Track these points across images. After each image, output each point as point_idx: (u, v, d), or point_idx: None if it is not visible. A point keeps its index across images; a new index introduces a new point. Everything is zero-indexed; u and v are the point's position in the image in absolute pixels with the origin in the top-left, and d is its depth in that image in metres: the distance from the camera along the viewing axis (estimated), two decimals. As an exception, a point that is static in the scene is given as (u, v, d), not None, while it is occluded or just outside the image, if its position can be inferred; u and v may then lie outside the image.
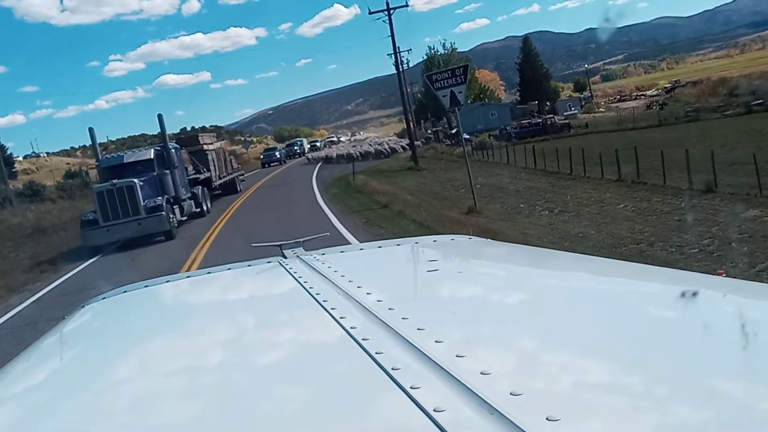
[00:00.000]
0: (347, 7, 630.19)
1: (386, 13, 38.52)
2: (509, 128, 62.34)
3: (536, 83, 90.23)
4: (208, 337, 1.68)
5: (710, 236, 13.43)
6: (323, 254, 2.35)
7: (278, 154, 70.37)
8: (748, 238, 12.81)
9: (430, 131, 72.69)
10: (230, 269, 2.39)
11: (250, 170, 58.30)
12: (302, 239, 2.57)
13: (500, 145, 47.63)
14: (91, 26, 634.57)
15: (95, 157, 24.62)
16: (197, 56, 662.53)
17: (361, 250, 2.58)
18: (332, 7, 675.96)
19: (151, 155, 22.13)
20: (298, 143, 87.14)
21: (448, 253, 2.41)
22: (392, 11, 38.48)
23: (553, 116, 68.72)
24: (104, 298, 2.23)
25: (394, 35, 39.48)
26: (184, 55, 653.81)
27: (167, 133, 26.38)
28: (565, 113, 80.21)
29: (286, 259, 2.33)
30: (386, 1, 38.25)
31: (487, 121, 73.62)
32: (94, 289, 10.58)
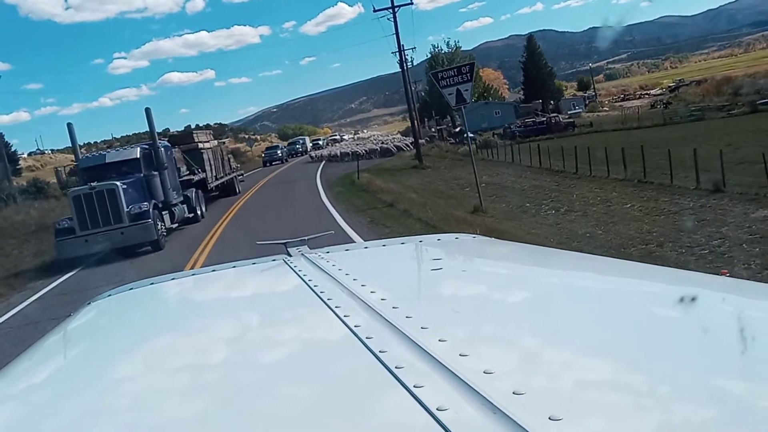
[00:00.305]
0: (351, 5, 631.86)
1: (391, 11, 38.38)
2: (513, 127, 62.25)
3: (540, 82, 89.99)
4: (212, 334, 1.69)
5: (720, 237, 13.26)
6: (328, 252, 2.36)
7: (280, 152, 69.56)
8: (759, 239, 12.63)
9: (434, 129, 72.56)
10: (235, 267, 2.40)
11: (253, 168, 58.23)
12: (307, 237, 2.60)
13: (504, 143, 47.44)
14: (95, 24, 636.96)
15: (75, 156, 21.92)
16: (201, 54, 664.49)
17: (365, 248, 2.58)
18: (336, 5, 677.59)
19: (137, 154, 19.59)
20: (300, 142, 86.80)
21: (452, 252, 2.42)
22: (397, 9, 38.33)
23: (557, 115, 68.55)
24: (110, 295, 2.22)
25: (398, 33, 39.32)
26: (188, 53, 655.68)
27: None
28: (569, 112, 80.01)
29: (290, 257, 2.35)
30: (391, -1, 38.11)
31: (490, 119, 73.44)
32: (95, 289, 10.46)
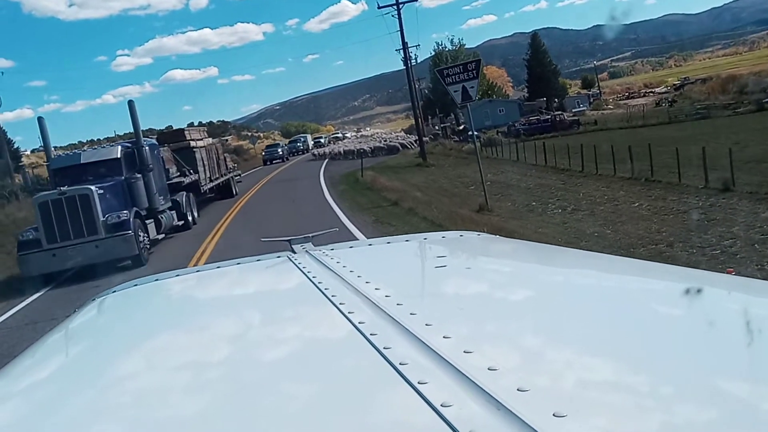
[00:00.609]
0: (354, 2, 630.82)
1: (395, 7, 38.16)
2: (517, 125, 61.98)
3: (544, 80, 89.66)
4: (217, 331, 1.68)
5: (731, 237, 13.04)
6: (332, 249, 2.35)
7: (281, 150, 68.50)
8: (772, 239, 12.42)
9: (437, 127, 72.33)
10: (239, 264, 2.40)
11: (254, 167, 58.03)
12: (311, 234, 2.60)
13: (509, 141, 47.23)
14: (98, 21, 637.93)
15: (46, 155, 18.71)
16: (204, 51, 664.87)
17: (369, 245, 2.62)
18: (339, 3, 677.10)
19: (117, 154, 16.97)
20: (301, 140, 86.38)
21: (456, 249, 2.42)
22: (401, 6, 38.11)
23: (561, 113, 68.31)
24: (114, 291, 2.22)
25: (403, 30, 39.19)
26: (191, 50, 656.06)
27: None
28: (573, 110, 79.67)
29: (294, 254, 2.34)
30: (395, -5, 37.90)
31: (494, 117, 73.08)
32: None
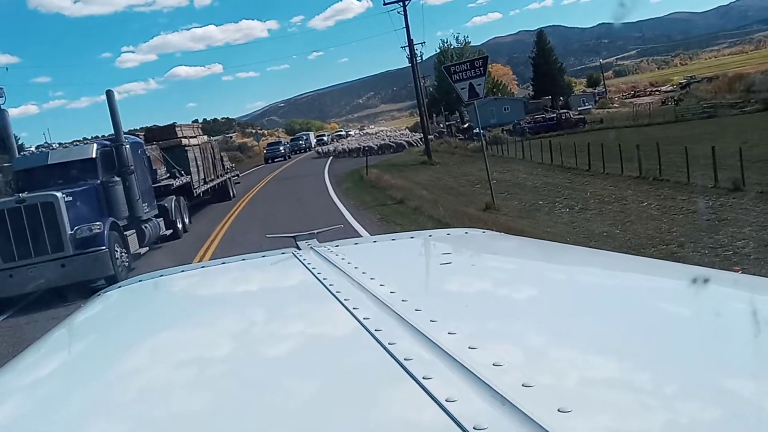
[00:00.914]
0: (359, 0, 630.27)
1: (401, 3, 37.95)
2: (523, 123, 61.79)
3: (550, 78, 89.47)
4: (221, 327, 1.67)
5: (744, 237, 12.81)
6: (337, 246, 2.35)
7: (282, 148, 67.70)
8: (786, 240, 12.19)
9: (442, 125, 72.15)
10: (244, 260, 2.40)
11: (257, 165, 57.91)
12: (316, 231, 2.59)
13: (514, 140, 47.01)
14: (103, 17, 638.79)
15: (9, 153, 16.20)
16: (209, 48, 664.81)
17: (374, 242, 2.61)
18: (344, 0, 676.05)
19: (92, 153, 14.29)
20: (303, 137, 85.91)
21: (461, 246, 2.42)
22: (407, 2, 37.91)
23: (567, 111, 68.06)
24: (120, 287, 2.23)
25: (408, 26, 38.90)
26: (196, 47, 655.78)
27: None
28: (578, 108, 79.45)
29: (300, 250, 2.33)
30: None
31: (499, 115, 72.80)
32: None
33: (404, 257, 2.37)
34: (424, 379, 0.97)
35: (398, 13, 38.79)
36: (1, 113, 16.72)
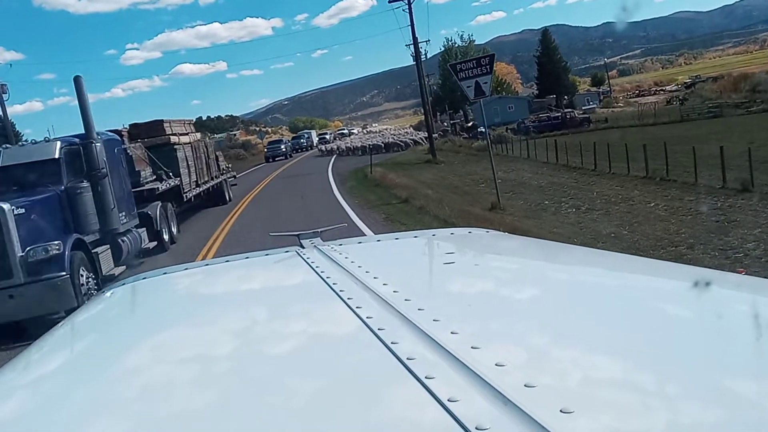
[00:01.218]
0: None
1: (406, 1, 37.84)
2: (527, 122, 61.67)
3: (554, 77, 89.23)
4: (224, 325, 1.66)
5: (754, 239, 12.64)
6: (340, 245, 2.34)
7: (284, 147, 66.55)
8: (797, 242, 12.01)
9: (446, 124, 71.99)
10: (248, 258, 2.39)
11: (260, 163, 57.74)
12: (320, 229, 2.57)
13: (518, 138, 46.86)
14: (108, 15, 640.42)
15: None
16: (213, 46, 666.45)
17: (378, 241, 2.60)
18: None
19: (54, 153, 11.30)
20: (305, 136, 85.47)
21: (465, 246, 2.41)
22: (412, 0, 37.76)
23: (572, 110, 67.89)
24: (123, 284, 2.22)
25: (413, 24, 38.76)
26: (200, 44, 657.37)
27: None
28: (583, 107, 79.32)
29: (303, 249, 2.33)
30: (406, -11, 37.53)
31: (504, 114, 72.60)
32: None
33: (408, 256, 2.37)
34: (426, 378, 0.97)
35: (403, 11, 38.77)
36: None
